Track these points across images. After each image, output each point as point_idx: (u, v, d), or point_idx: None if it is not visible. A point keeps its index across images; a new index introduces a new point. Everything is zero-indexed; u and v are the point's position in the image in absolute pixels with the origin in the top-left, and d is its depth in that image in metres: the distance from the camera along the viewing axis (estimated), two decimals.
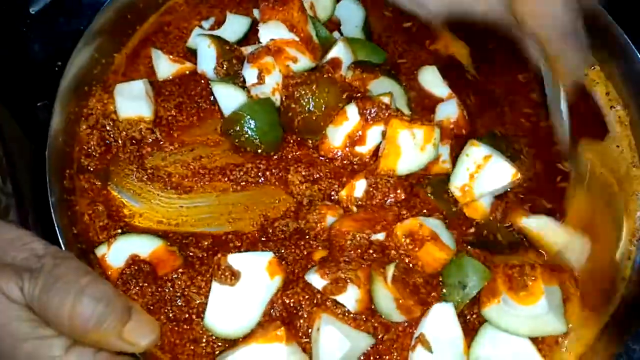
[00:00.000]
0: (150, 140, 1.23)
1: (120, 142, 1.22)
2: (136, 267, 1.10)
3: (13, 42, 1.45)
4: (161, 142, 1.24)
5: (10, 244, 0.90)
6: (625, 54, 1.26)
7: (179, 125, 1.26)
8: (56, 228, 1.08)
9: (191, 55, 1.31)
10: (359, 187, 1.16)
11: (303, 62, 1.24)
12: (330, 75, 1.21)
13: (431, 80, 1.30)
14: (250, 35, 1.33)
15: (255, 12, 1.34)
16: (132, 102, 1.22)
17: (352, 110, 1.18)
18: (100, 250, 1.11)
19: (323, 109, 1.18)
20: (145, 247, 1.12)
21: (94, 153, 1.22)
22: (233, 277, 1.06)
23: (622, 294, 1.16)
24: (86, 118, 1.24)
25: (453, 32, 1.35)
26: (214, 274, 1.07)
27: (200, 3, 1.40)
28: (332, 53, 1.25)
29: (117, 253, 1.11)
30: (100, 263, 1.11)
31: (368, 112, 1.17)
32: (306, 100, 1.17)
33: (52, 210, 1.09)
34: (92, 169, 1.21)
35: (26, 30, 1.46)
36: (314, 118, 1.18)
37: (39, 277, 0.86)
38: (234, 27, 1.33)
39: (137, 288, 1.09)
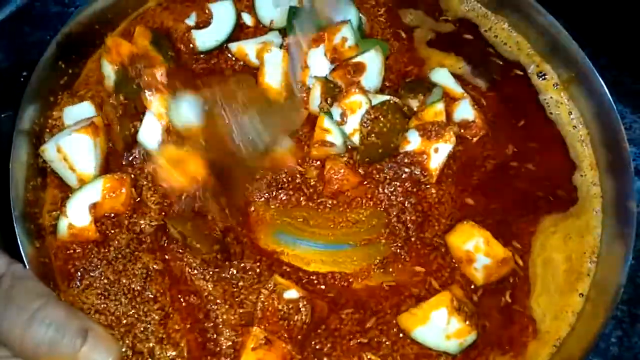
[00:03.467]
0: None
1: None
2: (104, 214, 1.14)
3: None
4: None
5: None
6: (586, 74, 1.30)
7: None
8: (19, 243, 1.07)
9: None
10: None
11: None
12: (393, 101, 1.24)
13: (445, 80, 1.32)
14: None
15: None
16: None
17: (412, 134, 1.23)
18: (62, 224, 1.12)
19: (398, 134, 1.24)
20: (94, 191, 1.13)
21: None
22: None
23: (579, 311, 1.17)
24: (50, 130, 1.23)
25: None
26: None
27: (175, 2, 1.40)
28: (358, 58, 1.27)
29: (76, 216, 1.12)
30: (73, 235, 1.12)
31: (429, 132, 1.22)
32: (385, 129, 1.22)
33: (14, 224, 1.08)
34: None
35: None
36: (391, 145, 1.23)
37: None
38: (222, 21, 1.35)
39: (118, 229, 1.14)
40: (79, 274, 1.13)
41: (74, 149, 1.15)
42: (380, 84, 1.29)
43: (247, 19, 1.38)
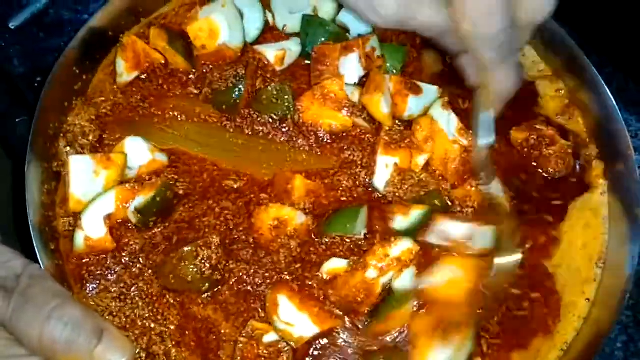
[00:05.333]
0: None
1: None
2: (118, 221, 1.15)
3: None
4: None
5: None
6: (591, 82, 1.31)
7: None
8: (35, 245, 1.09)
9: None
10: None
11: None
12: None
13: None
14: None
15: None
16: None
17: None
18: (79, 237, 1.13)
19: None
20: (107, 202, 1.14)
21: None
22: None
23: (585, 316, 1.19)
24: (64, 134, 1.25)
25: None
26: None
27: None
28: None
29: (92, 228, 1.13)
30: (90, 246, 1.13)
31: None
32: None
33: (30, 227, 1.09)
34: None
35: (5, 45, 1.47)
36: None
37: (12, 298, 0.88)
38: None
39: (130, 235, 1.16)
40: (93, 277, 1.14)
41: (76, 171, 1.16)
42: None
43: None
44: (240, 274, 1.15)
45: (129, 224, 1.17)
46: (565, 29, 1.34)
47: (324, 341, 1.12)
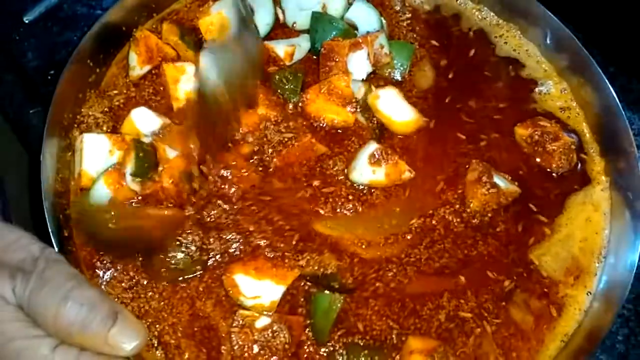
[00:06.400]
0: None
1: None
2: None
3: (6, 49, 1.48)
4: None
5: (11, 245, 0.93)
6: (594, 81, 1.34)
7: None
8: (49, 230, 1.11)
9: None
10: None
11: None
12: None
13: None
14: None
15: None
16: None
17: None
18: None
19: None
20: (102, 191, 1.17)
21: None
22: None
23: (586, 309, 1.21)
24: (78, 125, 1.28)
25: None
26: None
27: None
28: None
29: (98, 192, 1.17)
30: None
31: None
32: None
33: (45, 213, 1.12)
34: None
35: (20, 38, 1.49)
36: None
37: (29, 280, 0.89)
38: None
39: None
40: (103, 266, 1.17)
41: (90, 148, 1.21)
42: None
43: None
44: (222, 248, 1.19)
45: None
46: (569, 29, 1.36)
47: None
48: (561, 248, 1.26)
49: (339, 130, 1.30)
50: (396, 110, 1.32)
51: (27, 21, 1.51)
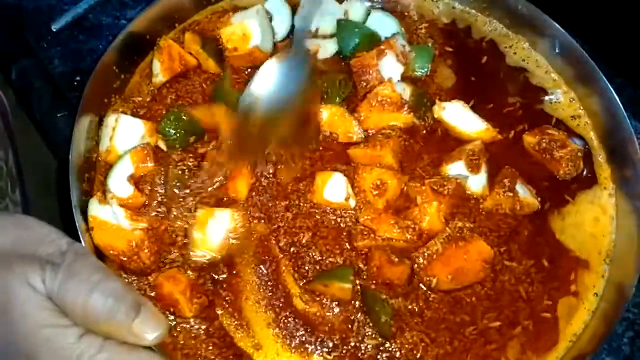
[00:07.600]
0: None
1: None
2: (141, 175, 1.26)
3: (34, 56, 1.54)
4: None
5: (42, 239, 0.98)
6: (600, 90, 1.38)
7: None
8: (77, 228, 1.15)
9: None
10: None
11: None
12: None
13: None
14: None
15: None
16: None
17: None
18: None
19: None
20: (126, 166, 1.24)
21: None
22: None
23: (594, 310, 1.25)
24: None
25: None
26: None
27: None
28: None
29: (118, 188, 1.23)
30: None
31: None
32: None
33: (74, 211, 1.16)
34: None
35: (47, 45, 1.55)
36: None
37: (59, 272, 0.94)
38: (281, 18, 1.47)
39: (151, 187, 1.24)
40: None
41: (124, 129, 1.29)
42: None
43: None
44: None
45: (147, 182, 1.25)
46: (578, 42, 1.41)
47: None
48: (576, 230, 1.31)
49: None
50: (464, 121, 1.37)
51: (54, 30, 1.56)
